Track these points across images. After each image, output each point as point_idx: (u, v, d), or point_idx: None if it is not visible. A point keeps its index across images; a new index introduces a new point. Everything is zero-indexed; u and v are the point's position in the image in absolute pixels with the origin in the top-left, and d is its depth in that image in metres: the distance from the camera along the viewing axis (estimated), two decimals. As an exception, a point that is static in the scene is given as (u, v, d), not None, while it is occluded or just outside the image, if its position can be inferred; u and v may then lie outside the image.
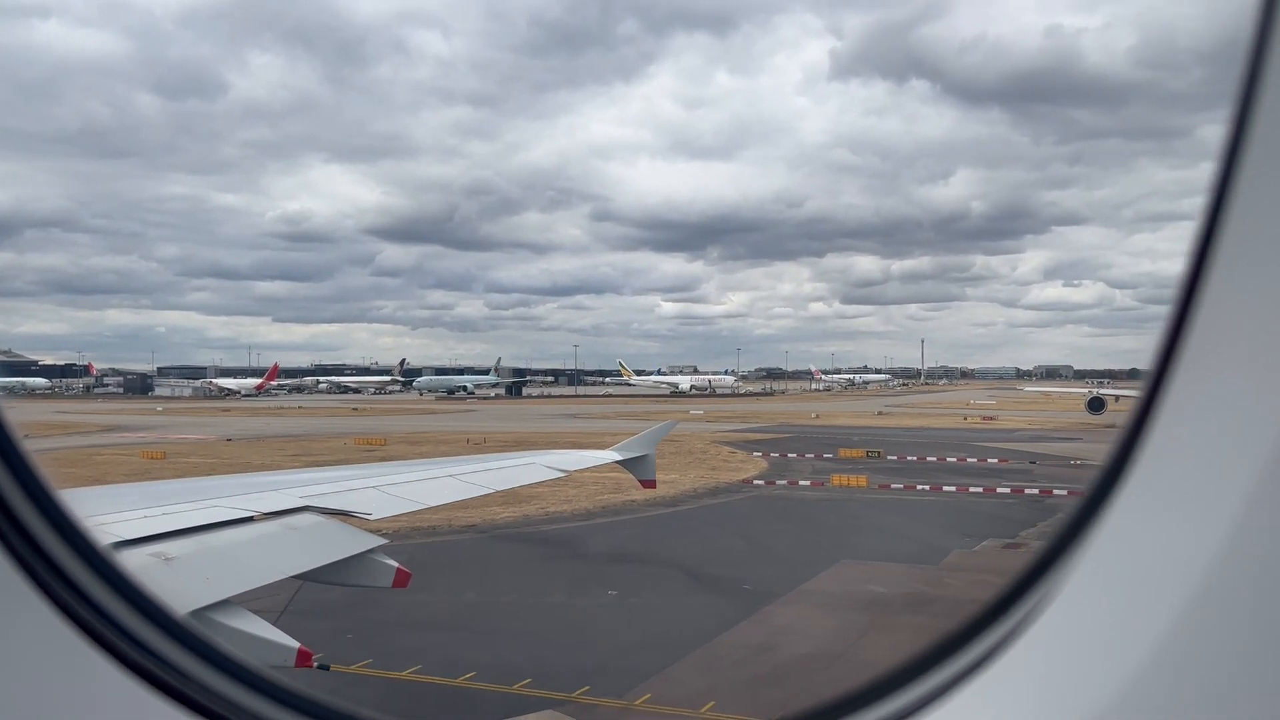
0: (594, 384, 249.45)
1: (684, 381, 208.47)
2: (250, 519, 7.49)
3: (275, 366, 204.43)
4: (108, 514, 6.68)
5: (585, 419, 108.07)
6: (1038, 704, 1.75)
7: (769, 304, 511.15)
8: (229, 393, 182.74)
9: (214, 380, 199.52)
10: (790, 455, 61.59)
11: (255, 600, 20.20)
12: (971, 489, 45.64)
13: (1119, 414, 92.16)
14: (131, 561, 5.71)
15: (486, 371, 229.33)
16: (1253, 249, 1.58)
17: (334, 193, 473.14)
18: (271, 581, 6.72)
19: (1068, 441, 73.86)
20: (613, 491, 42.39)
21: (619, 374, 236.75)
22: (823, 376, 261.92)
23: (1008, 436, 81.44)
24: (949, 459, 60.09)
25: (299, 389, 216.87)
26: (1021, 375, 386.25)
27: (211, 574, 6.25)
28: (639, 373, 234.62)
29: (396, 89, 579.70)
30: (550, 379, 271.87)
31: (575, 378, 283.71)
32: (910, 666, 2.06)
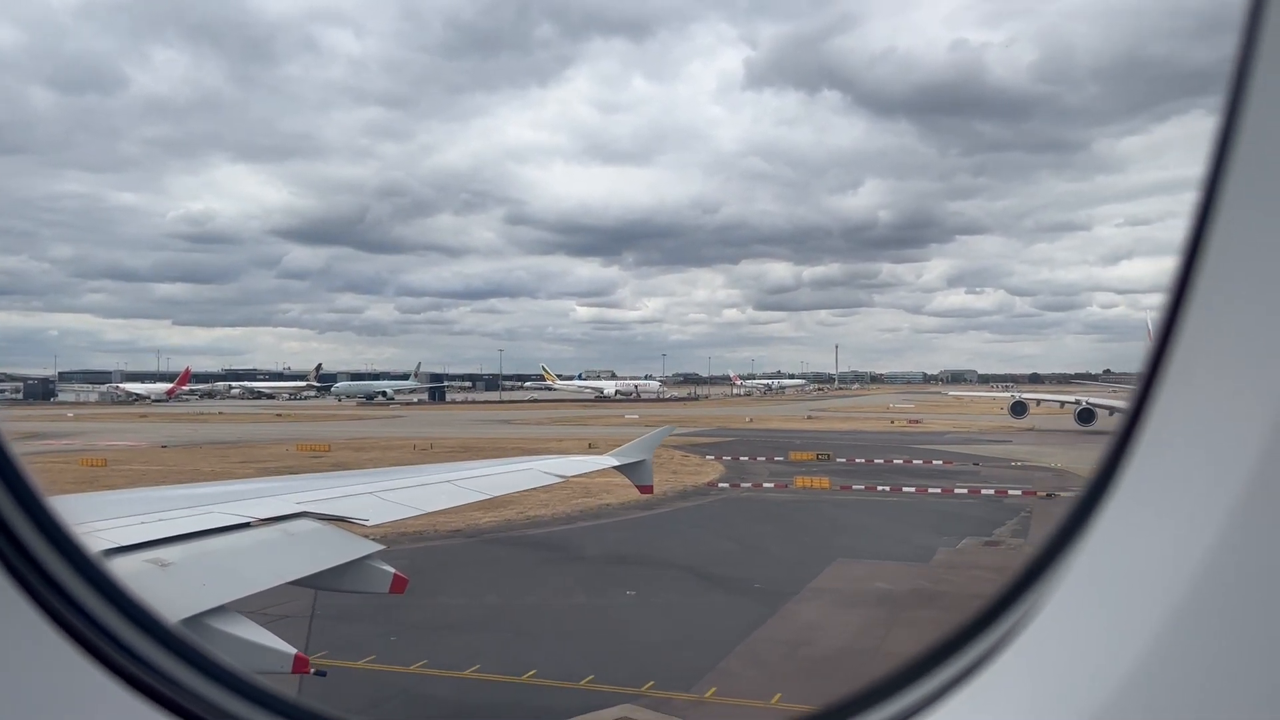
0: (513, 388, 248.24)
1: (609, 386, 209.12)
2: (247, 525, 7.52)
3: (187, 371, 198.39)
4: (102, 521, 6.71)
5: (521, 425, 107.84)
6: (1031, 708, 1.76)
7: (684, 310, 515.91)
8: (137, 398, 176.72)
9: (121, 385, 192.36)
10: (742, 458, 62.83)
11: (277, 605, 20.14)
12: (930, 490, 47.42)
13: (1038, 418, 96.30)
14: (128, 568, 5.74)
15: (405, 376, 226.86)
16: (1242, 253, 1.57)
17: (239, 193, 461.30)
18: (269, 587, 6.65)
19: (997, 444, 76.77)
20: (584, 495, 42.88)
21: (539, 378, 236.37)
22: (741, 381, 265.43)
23: (938, 439, 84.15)
24: (895, 460, 62.08)
25: (210, 394, 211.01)
26: (928, 379, 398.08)
27: (208, 580, 6.23)
28: (561, 378, 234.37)
29: (306, 88, 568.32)
30: (468, 384, 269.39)
31: (493, 382, 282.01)
32: (904, 672, 2.07)
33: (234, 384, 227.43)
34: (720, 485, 49.55)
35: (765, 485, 49.38)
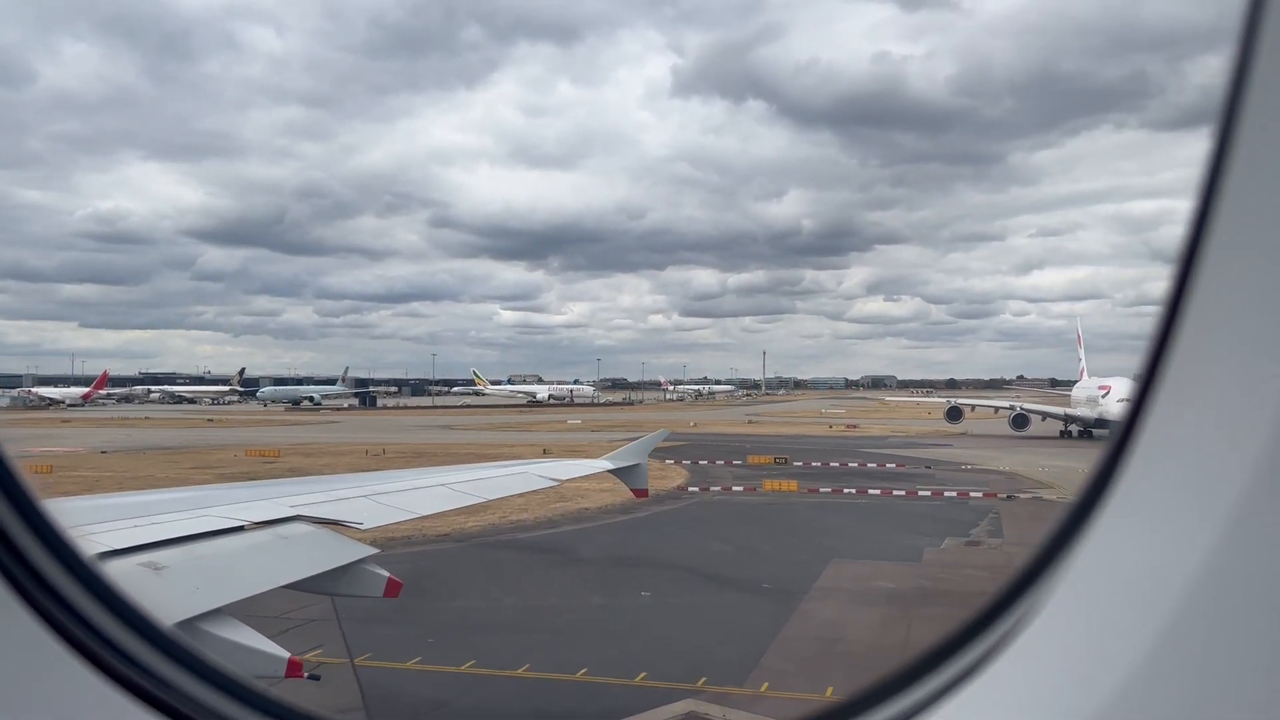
0: (439, 393, 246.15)
1: (541, 391, 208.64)
2: (241, 528, 7.51)
3: (104, 375, 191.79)
4: (94, 524, 6.69)
5: (464, 430, 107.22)
6: (1028, 711, 1.76)
7: (609, 315, 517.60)
8: (52, 402, 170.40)
9: (34, 389, 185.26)
10: (701, 462, 63.66)
11: (298, 610, 20.26)
12: (895, 492, 48.81)
13: (970, 423, 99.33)
14: (121, 571, 5.71)
15: (330, 381, 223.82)
16: (1240, 257, 1.56)
17: (152, 192, 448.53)
18: (262, 591, 6.62)
19: (939, 448, 79.17)
20: (560, 500, 43.08)
21: (467, 383, 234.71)
22: (671, 386, 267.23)
23: (881, 444, 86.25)
24: (850, 464, 63.60)
25: (128, 399, 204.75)
26: (850, 385, 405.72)
27: (201, 583, 6.22)
28: (491, 383, 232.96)
29: (224, 86, 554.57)
30: (394, 389, 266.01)
31: (420, 387, 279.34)
32: (902, 675, 2.08)
33: (152, 388, 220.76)
34: (690, 489, 50.26)
35: (734, 489, 50.28)
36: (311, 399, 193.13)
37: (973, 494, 47.68)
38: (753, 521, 39.99)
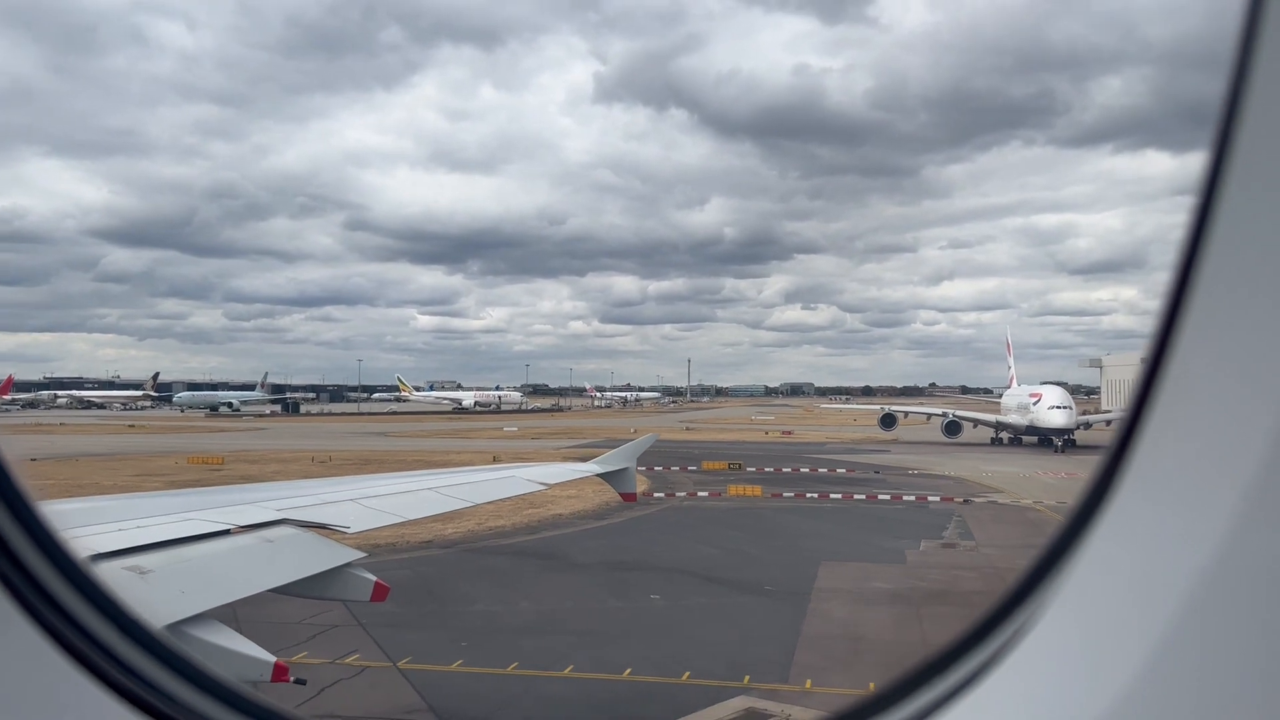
0: (359, 399, 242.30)
1: (467, 398, 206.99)
2: (227, 532, 7.47)
3: (10, 379, 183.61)
4: (79, 527, 6.65)
5: (399, 437, 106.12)
6: (1031, 718, 1.77)
7: (529, 320, 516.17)
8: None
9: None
10: (657, 468, 64.22)
11: (317, 616, 20.44)
12: (855, 496, 50.18)
13: (900, 429, 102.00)
14: (107, 574, 5.61)
15: (249, 387, 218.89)
16: (1238, 265, 1.56)
17: (53, 190, 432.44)
18: (248, 595, 6.64)
19: (877, 453, 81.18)
20: (531, 507, 43.27)
21: (390, 389, 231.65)
22: (597, 393, 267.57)
23: (821, 449, 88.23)
24: (802, 469, 64.98)
25: (33, 404, 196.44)
26: (770, 392, 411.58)
27: (187, 587, 6.18)
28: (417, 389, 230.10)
29: (132, 82, 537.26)
30: (312, 395, 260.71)
31: (338, 394, 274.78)
32: (904, 682, 2.09)
33: (59, 393, 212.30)
34: (656, 495, 50.79)
35: (700, 494, 51.04)
36: (230, 405, 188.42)
37: (930, 498, 49.27)
38: (729, 526, 40.70)
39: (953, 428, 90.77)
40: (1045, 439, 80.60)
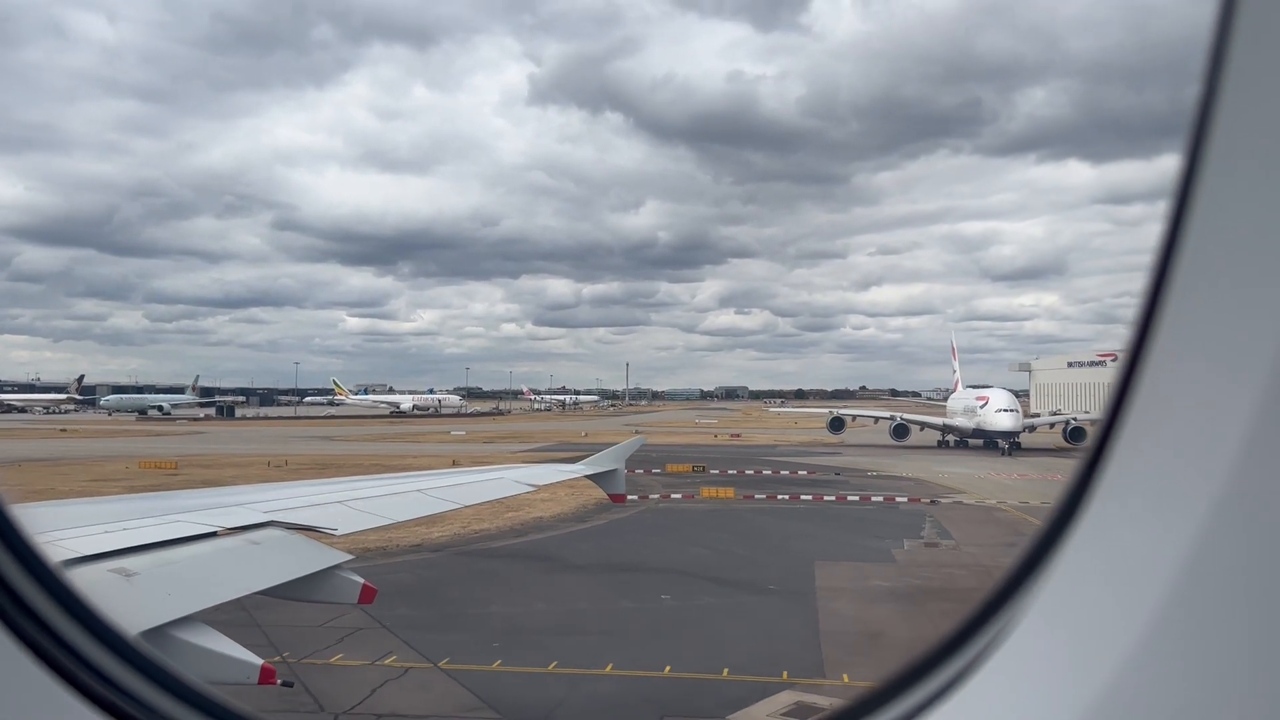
0: (289, 404, 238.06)
1: (405, 401, 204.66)
2: (214, 534, 7.45)
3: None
4: (64, 530, 6.62)
5: (345, 441, 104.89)
6: (1016, 717, 1.80)
7: (460, 323, 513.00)
8: None
9: None
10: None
11: (339, 619, 20.63)
12: (825, 498, 51.22)
13: (850, 432, 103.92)
14: (91, 577, 5.67)
15: (177, 390, 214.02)
16: (1215, 262, 1.57)
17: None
18: (235, 598, 6.63)
19: (830, 455, 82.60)
20: (510, 510, 43.38)
21: (322, 392, 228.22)
22: (534, 396, 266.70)
23: (773, 452, 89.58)
24: (764, 471, 66.00)
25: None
26: (705, 396, 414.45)
27: (173, 590, 6.13)
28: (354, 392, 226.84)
29: (50, 75, 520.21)
30: (242, 398, 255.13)
31: (268, 397, 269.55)
32: (885, 688, 2.13)
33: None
34: (630, 497, 51.10)
35: (674, 496, 51.56)
36: (160, 408, 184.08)
37: (898, 499, 50.52)
38: (711, 528, 41.27)
39: (900, 430, 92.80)
40: (990, 441, 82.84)
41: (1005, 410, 79.85)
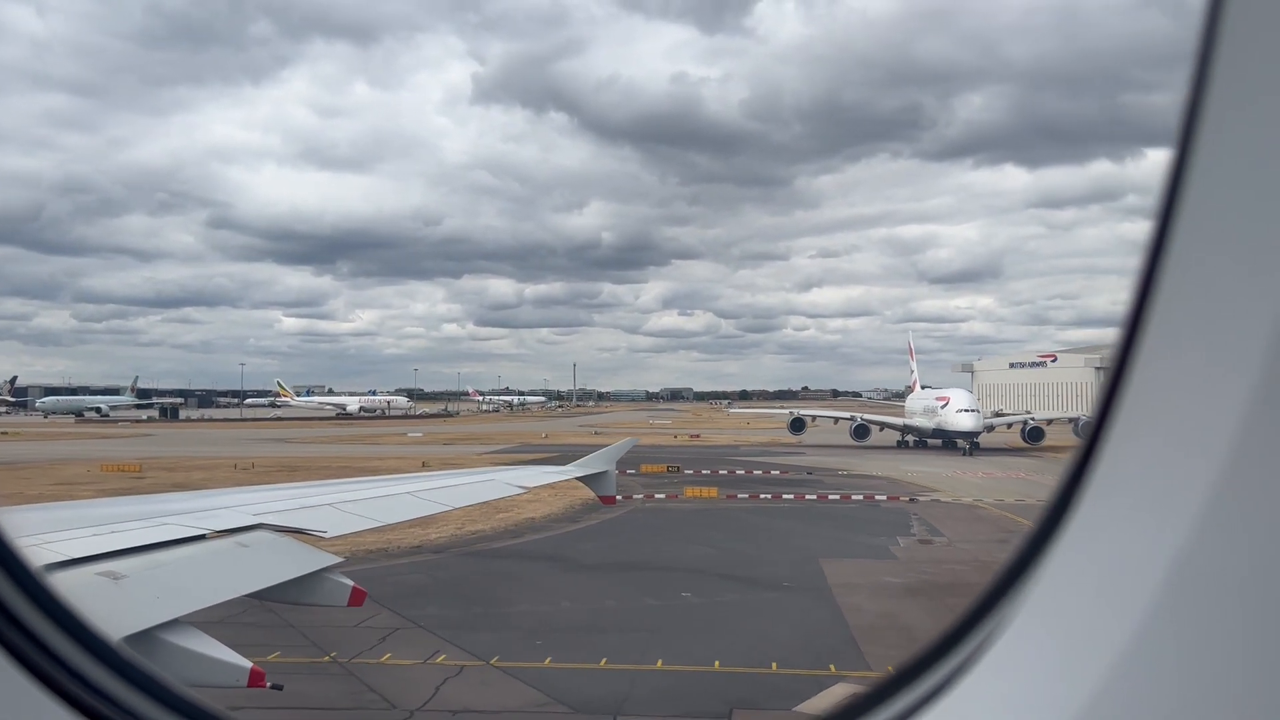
0: (228, 405, 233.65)
1: (352, 403, 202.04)
2: (203, 537, 7.40)
3: None
4: (52, 533, 6.60)
5: (302, 443, 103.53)
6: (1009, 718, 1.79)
7: (400, 323, 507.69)
8: None
9: None
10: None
11: (372, 619, 20.85)
12: (807, 496, 52.00)
13: (810, 432, 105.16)
14: (79, 581, 5.64)
15: (114, 391, 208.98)
16: (1203, 260, 1.57)
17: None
18: (223, 600, 6.62)
19: (793, 455, 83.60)
20: (501, 511, 43.34)
21: (261, 394, 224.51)
22: (480, 397, 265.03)
23: (736, 451, 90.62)
24: (737, 471, 66.70)
25: None
26: (651, 397, 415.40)
27: (161, 593, 6.09)
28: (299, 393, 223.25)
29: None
30: (180, 400, 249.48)
31: (207, 399, 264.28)
32: (876, 691, 2.14)
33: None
34: (614, 498, 51.32)
35: (657, 496, 51.91)
36: (98, 410, 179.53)
37: (877, 497, 51.50)
38: (706, 526, 41.69)
39: (861, 431, 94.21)
40: (950, 441, 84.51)
41: (967, 410, 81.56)
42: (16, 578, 2.61)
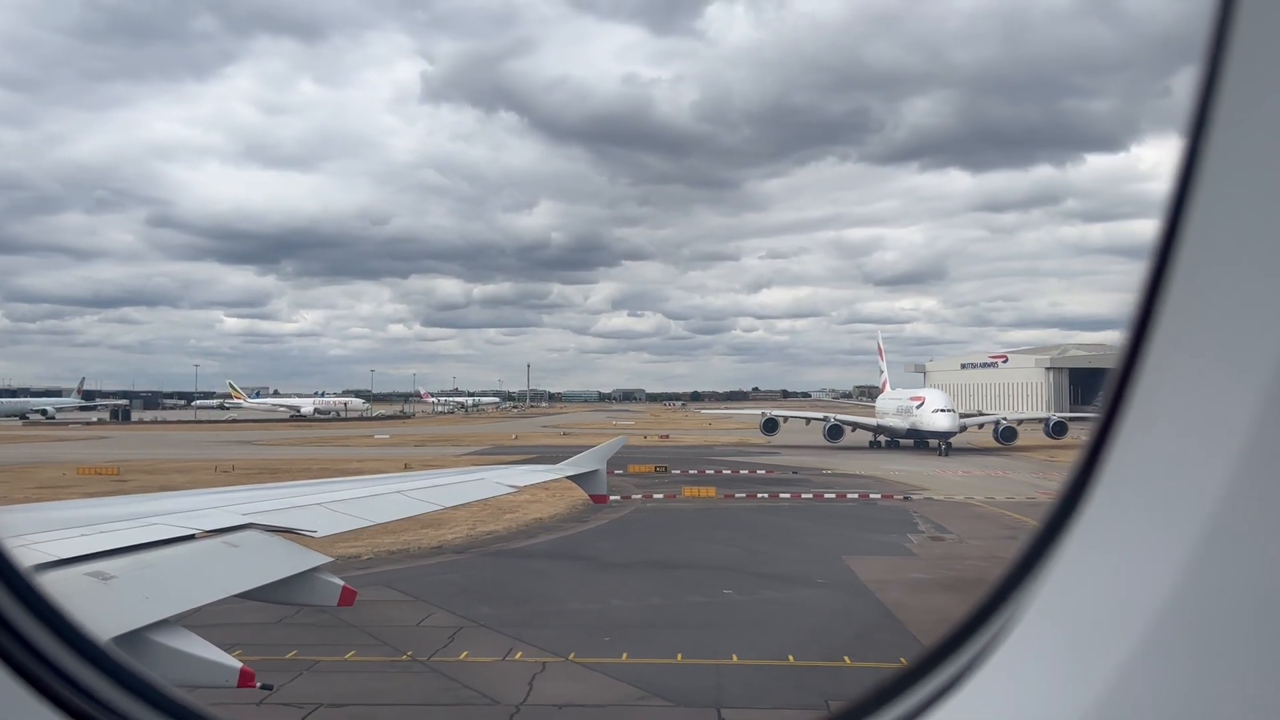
0: (173, 407, 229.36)
1: (306, 405, 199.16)
2: (192, 537, 7.38)
3: None
4: (40, 533, 6.58)
5: (269, 445, 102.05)
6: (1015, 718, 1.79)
7: (346, 324, 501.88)
8: None
9: None
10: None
11: (429, 617, 21.16)
12: (803, 495, 52.67)
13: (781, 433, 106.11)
14: (67, 581, 5.62)
15: (58, 393, 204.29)
16: (1214, 258, 1.56)
17: None
18: (213, 600, 6.60)
19: (769, 455, 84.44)
20: (506, 512, 43.44)
21: (208, 395, 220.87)
22: (432, 399, 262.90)
23: (712, 451, 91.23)
24: (724, 471, 67.25)
25: None
26: (603, 398, 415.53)
27: (151, 593, 6.06)
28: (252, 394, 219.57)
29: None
30: (125, 401, 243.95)
31: (152, 400, 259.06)
32: (881, 691, 2.15)
33: None
34: (612, 498, 51.58)
35: (656, 496, 52.23)
36: (44, 412, 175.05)
37: (871, 496, 52.36)
38: (717, 525, 42.07)
39: (835, 431, 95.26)
40: (922, 441, 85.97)
41: (942, 410, 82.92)
42: (4, 578, 2.59)
